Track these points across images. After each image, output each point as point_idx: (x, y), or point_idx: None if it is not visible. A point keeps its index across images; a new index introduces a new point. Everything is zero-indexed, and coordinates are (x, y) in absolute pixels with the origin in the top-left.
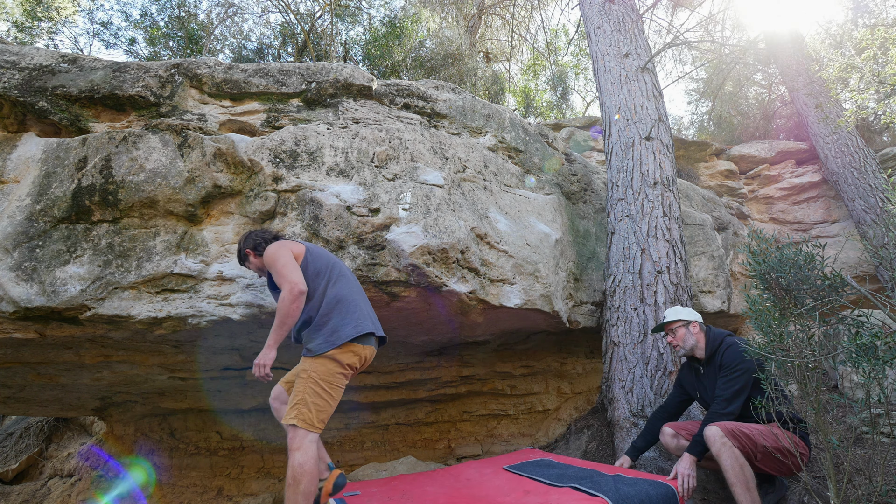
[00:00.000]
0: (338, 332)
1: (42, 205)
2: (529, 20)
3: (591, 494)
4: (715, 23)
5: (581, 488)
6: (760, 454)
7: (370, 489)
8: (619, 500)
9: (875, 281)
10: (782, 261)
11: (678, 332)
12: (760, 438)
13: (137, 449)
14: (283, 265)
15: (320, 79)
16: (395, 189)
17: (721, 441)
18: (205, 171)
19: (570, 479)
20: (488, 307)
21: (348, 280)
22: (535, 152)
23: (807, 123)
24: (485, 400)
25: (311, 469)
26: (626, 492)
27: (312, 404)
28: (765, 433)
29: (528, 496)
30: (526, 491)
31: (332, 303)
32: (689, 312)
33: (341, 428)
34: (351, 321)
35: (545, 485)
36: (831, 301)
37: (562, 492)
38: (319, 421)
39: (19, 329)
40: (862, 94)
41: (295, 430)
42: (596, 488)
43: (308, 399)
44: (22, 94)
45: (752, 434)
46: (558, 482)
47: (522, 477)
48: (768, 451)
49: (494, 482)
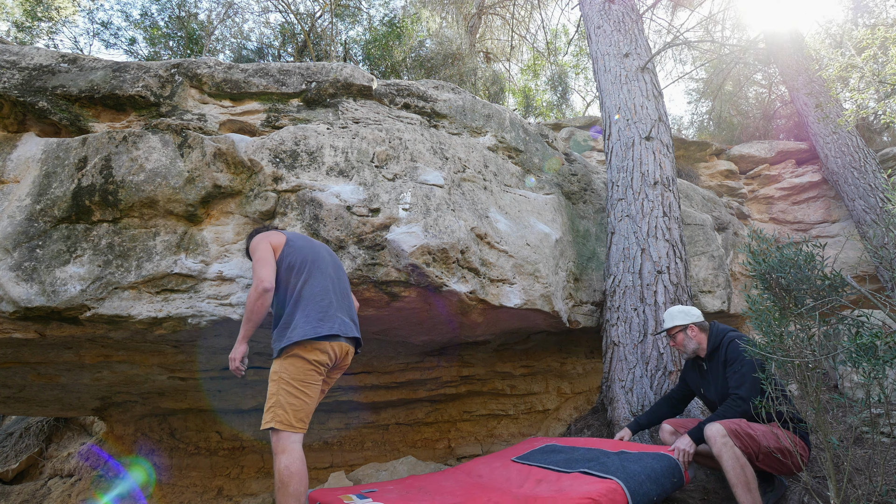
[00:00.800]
0: (296, 330)
1: (42, 205)
2: (529, 20)
3: (602, 477)
4: (715, 23)
5: (590, 472)
6: (763, 455)
7: (387, 486)
8: (627, 479)
9: (875, 281)
10: (782, 261)
11: (677, 337)
12: (763, 439)
13: (137, 449)
14: (257, 259)
15: (320, 79)
16: (395, 189)
17: (722, 441)
18: (205, 171)
19: (578, 463)
20: (488, 307)
21: (324, 275)
22: (535, 152)
23: (807, 123)
24: (485, 400)
25: (298, 469)
26: (632, 469)
27: (287, 405)
28: (767, 434)
29: (540, 484)
30: (538, 480)
31: (297, 300)
32: (683, 315)
33: (341, 428)
34: (312, 321)
35: (555, 472)
36: (831, 301)
37: (573, 477)
38: (298, 420)
39: (19, 329)
40: (862, 93)
41: (276, 434)
42: (604, 470)
43: (282, 400)
44: (22, 93)
45: (755, 435)
46: (567, 468)
47: (532, 466)
48: (770, 451)
49: (505, 474)
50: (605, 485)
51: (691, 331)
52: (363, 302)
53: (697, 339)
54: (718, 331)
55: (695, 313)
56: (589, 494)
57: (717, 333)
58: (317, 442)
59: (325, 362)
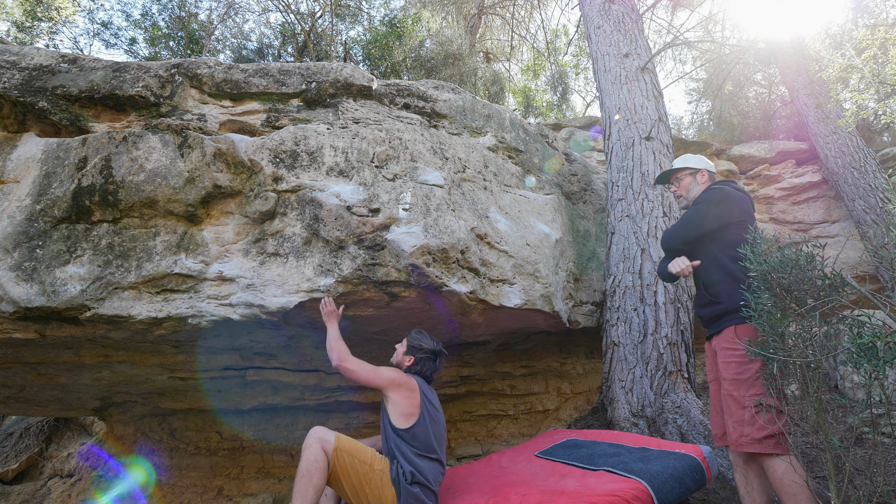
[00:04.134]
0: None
1: (42, 205)
2: (529, 20)
3: (626, 476)
4: (715, 23)
5: (614, 471)
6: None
7: None
8: (651, 479)
9: (875, 281)
10: (783, 261)
11: (683, 181)
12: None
13: (137, 449)
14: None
15: (320, 79)
16: (395, 189)
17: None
18: (205, 171)
19: (601, 459)
20: (488, 307)
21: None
22: (535, 152)
23: (807, 123)
24: (485, 400)
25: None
26: (655, 469)
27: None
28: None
29: (565, 479)
30: (562, 475)
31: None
32: (699, 160)
33: (341, 428)
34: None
35: (580, 468)
36: (832, 301)
37: (598, 475)
38: None
39: (19, 329)
40: (862, 94)
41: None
42: (627, 469)
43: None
44: (22, 94)
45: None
46: (591, 464)
47: (556, 462)
48: None
49: (530, 468)
50: (630, 484)
51: (702, 177)
52: (363, 302)
53: (702, 188)
54: (717, 182)
55: (709, 165)
56: (615, 492)
57: (715, 183)
58: None
59: None
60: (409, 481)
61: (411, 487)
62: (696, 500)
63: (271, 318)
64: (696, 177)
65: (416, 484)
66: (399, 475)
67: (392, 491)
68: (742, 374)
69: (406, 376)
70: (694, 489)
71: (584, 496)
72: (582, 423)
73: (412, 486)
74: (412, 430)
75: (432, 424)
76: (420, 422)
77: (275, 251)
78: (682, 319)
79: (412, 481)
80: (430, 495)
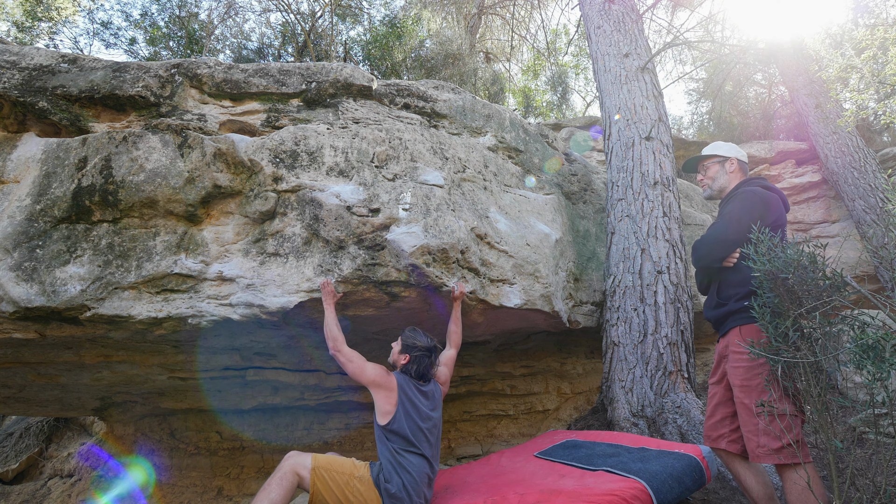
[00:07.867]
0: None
1: (42, 205)
2: (529, 20)
3: (625, 476)
4: (715, 23)
5: (613, 470)
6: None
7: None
8: (650, 478)
9: (875, 281)
10: (787, 261)
11: (710, 169)
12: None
13: (137, 449)
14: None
15: (320, 79)
16: (395, 189)
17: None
18: (205, 171)
19: (600, 459)
20: (488, 307)
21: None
22: (535, 152)
23: (807, 123)
24: (485, 400)
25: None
26: (654, 469)
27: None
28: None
29: (564, 479)
30: (561, 475)
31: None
32: (730, 148)
33: (341, 428)
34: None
35: (579, 468)
36: (833, 301)
37: (597, 475)
38: None
39: (19, 329)
40: (862, 94)
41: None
42: (626, 469)
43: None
44: (22, 94)
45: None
46: (590, 465)
47: (555, 462)
48: None
49: (528, 468)
50: (629, 484)
51: (730, 165)
52: (363, 302)
53: (731, 178)
54: (748, 181)
55: (740, 153)
56: (613, 492)
57: (745, 183)
58: (317, 442)
59: None
60: (386, 479)
61: (388, 486)
62: (695, 499)
63: (271, 318)
64: (724, 165)
65: (394, 481)
66: (378, 475)
67: (375, 493)
68: (751, 381)
69: (387, 376)
70: (693, 489)
71: (583, 496)
72: (582, 424)
73: (389, 485)
74: (390, 427)
75: (408, 420)
76: (396, 418)
77: (275, 251)
78: (682, 319)
79: (388, 480)
80: (416, 489)
